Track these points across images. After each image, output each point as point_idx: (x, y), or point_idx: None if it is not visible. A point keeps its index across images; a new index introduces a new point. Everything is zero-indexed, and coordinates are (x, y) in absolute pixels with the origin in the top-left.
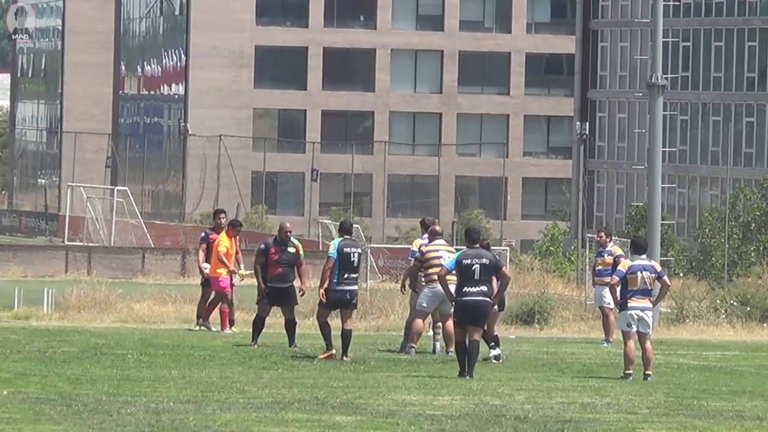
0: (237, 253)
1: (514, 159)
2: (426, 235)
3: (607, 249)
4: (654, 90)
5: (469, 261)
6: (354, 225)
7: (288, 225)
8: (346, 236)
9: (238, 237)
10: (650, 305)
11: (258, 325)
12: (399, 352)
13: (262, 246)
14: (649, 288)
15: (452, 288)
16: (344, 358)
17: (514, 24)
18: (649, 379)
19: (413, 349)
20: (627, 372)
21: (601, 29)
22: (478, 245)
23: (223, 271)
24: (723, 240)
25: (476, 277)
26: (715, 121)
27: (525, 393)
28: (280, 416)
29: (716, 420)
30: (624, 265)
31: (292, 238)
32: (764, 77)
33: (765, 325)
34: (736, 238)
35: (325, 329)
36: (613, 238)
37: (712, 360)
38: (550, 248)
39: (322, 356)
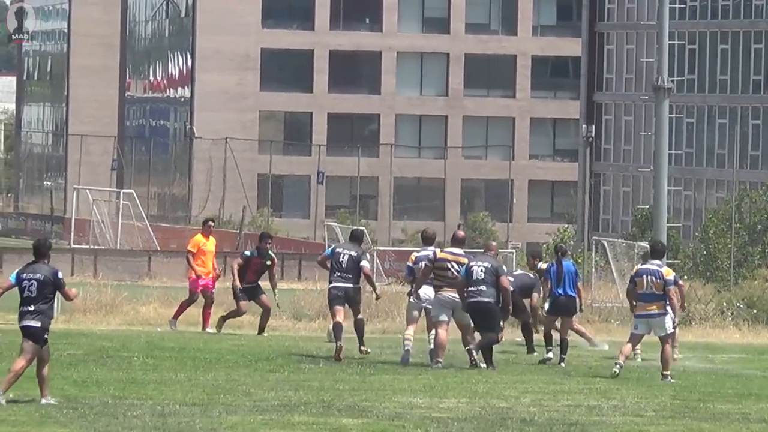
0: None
1: (520, 162)
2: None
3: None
4: (660, 93)
5: (340, 250)
6: (360, 228)
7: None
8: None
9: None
10: (659, 311)
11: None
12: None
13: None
14: (657, 293)
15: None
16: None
17: (520, 27)
18: (668, 379)
19: (439, 364)
20: (618, 362)
21: (607, 32)
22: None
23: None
24: (727, 242)
25: (344, 266)
26: (721, 123)
27: (531, 396)
28: (286, 419)
29: (722, 423)
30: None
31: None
32: None
33: None
34: (742, 240)
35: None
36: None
37: (719, 362)
38: None
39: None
